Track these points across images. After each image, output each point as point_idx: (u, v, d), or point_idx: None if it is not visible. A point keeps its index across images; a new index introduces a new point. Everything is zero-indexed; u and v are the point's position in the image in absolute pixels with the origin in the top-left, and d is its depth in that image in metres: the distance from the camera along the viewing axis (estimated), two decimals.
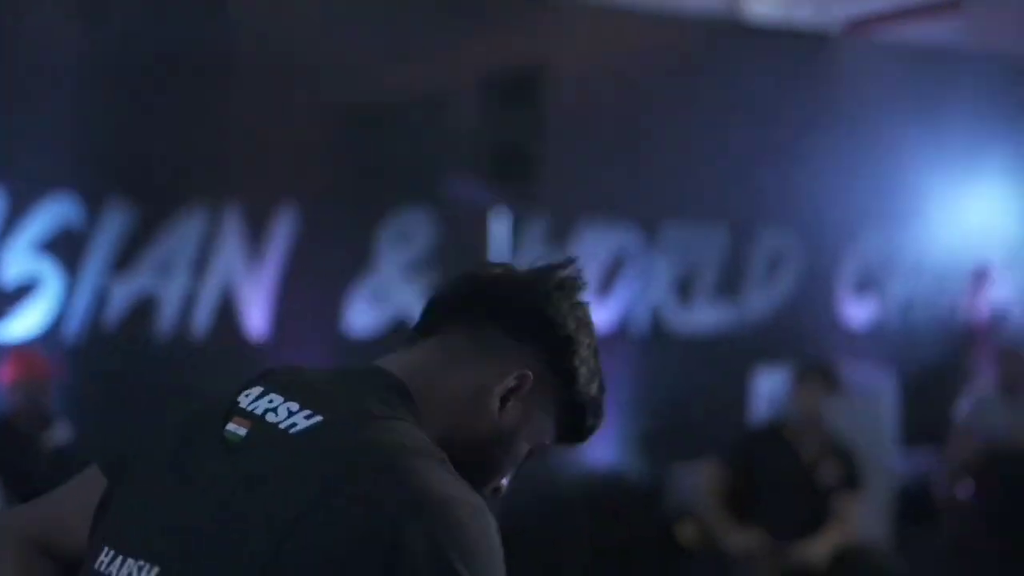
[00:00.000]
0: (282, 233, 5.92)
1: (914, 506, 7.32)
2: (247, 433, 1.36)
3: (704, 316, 7.12)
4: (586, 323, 1.47)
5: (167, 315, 5.68)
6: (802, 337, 7.16)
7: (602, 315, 6.94)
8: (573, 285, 1.48)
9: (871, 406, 6.79)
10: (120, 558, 1.37)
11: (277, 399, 1.38)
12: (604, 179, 6.88)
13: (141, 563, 1.34)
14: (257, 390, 1.40)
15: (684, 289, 7.11)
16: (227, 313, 5.81)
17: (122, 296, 5.61)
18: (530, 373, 1.43)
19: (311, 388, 1.39)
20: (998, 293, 8.45)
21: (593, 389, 1.48)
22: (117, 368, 5.67)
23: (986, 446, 6.76)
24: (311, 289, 6.03)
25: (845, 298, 7.80)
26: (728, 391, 6.77)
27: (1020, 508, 6.33)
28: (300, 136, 6.01)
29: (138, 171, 5.66)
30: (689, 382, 6.93)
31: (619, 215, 6.96)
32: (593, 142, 6.81)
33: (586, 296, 1.50)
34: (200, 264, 5.74)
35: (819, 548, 5.10)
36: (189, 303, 5.74)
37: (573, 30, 6.81)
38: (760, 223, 7.40)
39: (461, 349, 1.44)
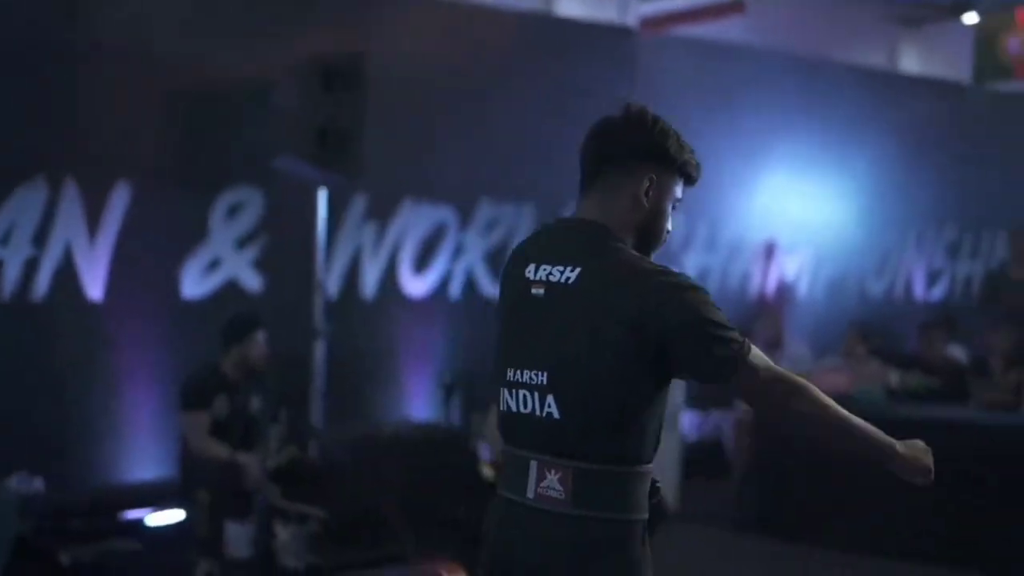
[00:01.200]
0: (118, 207, 6.16)
1: (706, 462, 7.97)
2: (545, 292, 2.36)
3: None
4: (663, 129, 2.42)
5: (9, 280, 5.91)
6: None
7: (421, 284, 7.44)
8: (644, 116, 2.42)
9: None
10: (521, 371, 2.36)
11: (547, 267, 2.37)
12: (422, 161, 7.29)
13: (535, 371, 2.34)
14: (532, 266, 2.40)
15: (495, 260, 7.60)
16: (66, 279, 6.05)
17: None
18: (653, 175, 2.41)
19: (561, 250, 2.38)
20: (784, 266, 9.18)
21: (687, 155, 2.44)
22: None
23: None
24: (149, 258, 6.31)
25: None
26: None
27: (785, 457, 6.94)
28: (135, 117, 6.25)
29: None
30: None
31: (436, 194, 7.41)
32: (412, 126, 7.18)
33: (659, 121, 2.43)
34: (41, 234, 5.98)
35: None
36: (30, 269, 5.96)
37: (394, 19, 7.16)
38: (566, 201, 7.88)
39: (614, 184, 2.42)
